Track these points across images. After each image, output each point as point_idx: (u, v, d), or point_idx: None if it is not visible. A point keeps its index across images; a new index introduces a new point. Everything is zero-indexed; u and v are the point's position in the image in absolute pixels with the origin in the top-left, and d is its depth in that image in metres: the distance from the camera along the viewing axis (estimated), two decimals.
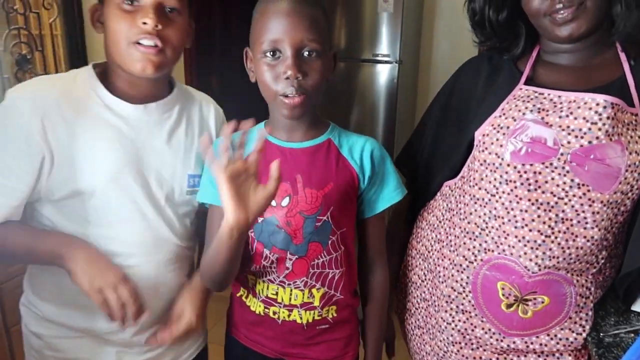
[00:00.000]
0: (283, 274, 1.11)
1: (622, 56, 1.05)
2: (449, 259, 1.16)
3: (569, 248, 1.02)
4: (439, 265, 1.20)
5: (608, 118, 0.96)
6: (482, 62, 1.20)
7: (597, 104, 0.97)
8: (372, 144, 1.13)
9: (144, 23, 0.99)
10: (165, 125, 1.13)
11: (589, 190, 0.99)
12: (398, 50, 2.78)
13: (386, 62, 2.81)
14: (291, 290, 1.12)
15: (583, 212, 1.00)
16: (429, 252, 1.24)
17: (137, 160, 1.08)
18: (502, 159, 1.04)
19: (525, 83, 1.10)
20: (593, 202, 0.99)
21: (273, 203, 1.09)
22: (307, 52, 0.99)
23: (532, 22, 1.06)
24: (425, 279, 1.25)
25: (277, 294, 1.13)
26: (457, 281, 1.14)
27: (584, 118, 0.97)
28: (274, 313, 1.14)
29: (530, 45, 1.14)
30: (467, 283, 1.12)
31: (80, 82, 1.08)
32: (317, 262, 1.10)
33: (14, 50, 2.23)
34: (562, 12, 0.98)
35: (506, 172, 1.03)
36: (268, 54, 1.00)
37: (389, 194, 1.14)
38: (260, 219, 1.11)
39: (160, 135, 1.12)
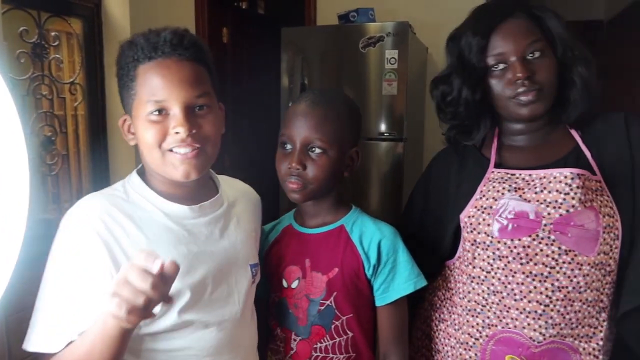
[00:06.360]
0: (288, 354, 1.15)
1: (573, 131, 1.16)
2: (455, 338, 1.20)
3: (567, 314, 1.07)
4: (445, 345, 1.23)
5: (578, 187, 1.05)
6: (450, 153, 1.28)
7: (565, 177, 1.06)
8: (382, 233, 1.14)
9: (177, 132, 0.93)
10: (219, 221, 1.07)
11: (576, 255, 1.05)
12: (403, 129, 2.89)
13: (392, 139, 2.92)
14: None
15: (575, 277, 1.06)
16: (434, 332, 1.27)
17: (204, 260, 1.01)
18: (492, 236, 1.11)
19: (494, 167, 1.18)
20: (582, 265, 1.05)
21: (285, 284, 1.15)
22: (313, 148, 1.10)
23: (496, 104, 1.15)
24: (433, 359, 1.28)
25: None
26: (465, 359, 1.17)
27: (557, 190, 1.06)
28: None
29: (489, 130, 1.22)
30: None
31: (131, 191, 1.02)
32: (319, 346, 1.13)
33: (40, 132, 2.33)
34: (525, 95, 1.09)
35: (498, 249, 1.10)
36: (282, 146, 1.14)
37: (400, 284, 1.12)
38: (276, 299, 1.17)
39: (217, 231, 1.06)
